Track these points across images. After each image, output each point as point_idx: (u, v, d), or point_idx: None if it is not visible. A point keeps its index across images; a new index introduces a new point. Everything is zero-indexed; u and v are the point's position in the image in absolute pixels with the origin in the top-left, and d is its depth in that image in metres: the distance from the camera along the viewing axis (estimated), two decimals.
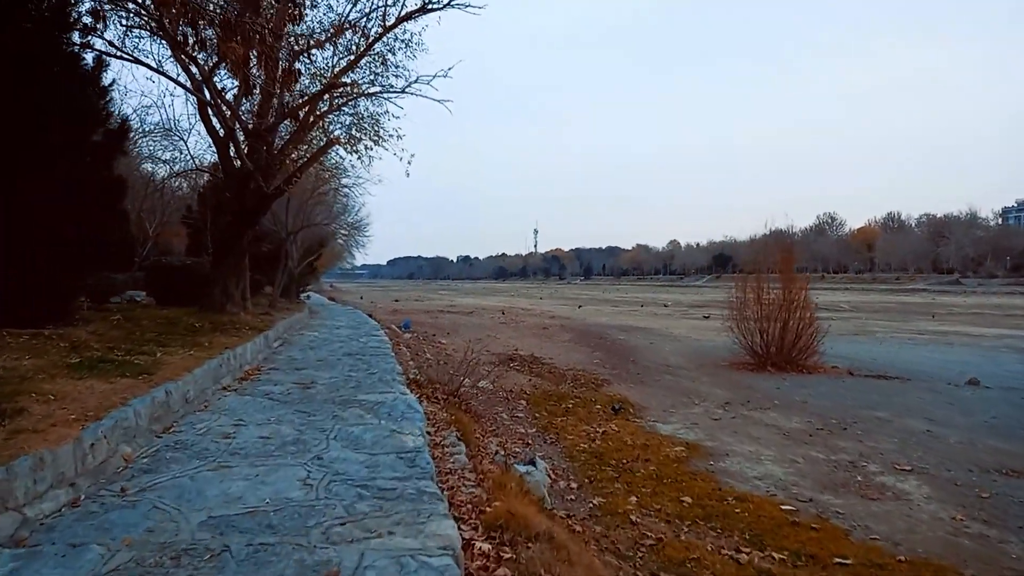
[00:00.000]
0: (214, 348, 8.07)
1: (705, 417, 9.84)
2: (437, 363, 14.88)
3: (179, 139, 13.61)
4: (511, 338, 22.72)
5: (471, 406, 8.93)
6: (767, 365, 14.37)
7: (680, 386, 12.71)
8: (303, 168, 10.75)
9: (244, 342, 9.20)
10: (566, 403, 10.90)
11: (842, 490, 6.48)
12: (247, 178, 10.57)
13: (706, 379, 13.45)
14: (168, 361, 6.74)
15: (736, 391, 11.96)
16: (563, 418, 9.69)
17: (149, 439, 4.94)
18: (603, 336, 23.09)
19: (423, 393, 8.32)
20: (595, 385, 13.22)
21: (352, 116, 11.81)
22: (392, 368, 9.36)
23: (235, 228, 11.13)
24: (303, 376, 8.31)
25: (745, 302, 15.16)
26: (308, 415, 5.97)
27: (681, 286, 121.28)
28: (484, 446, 7.21)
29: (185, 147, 13.99)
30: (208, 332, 9.47)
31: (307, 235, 25.08)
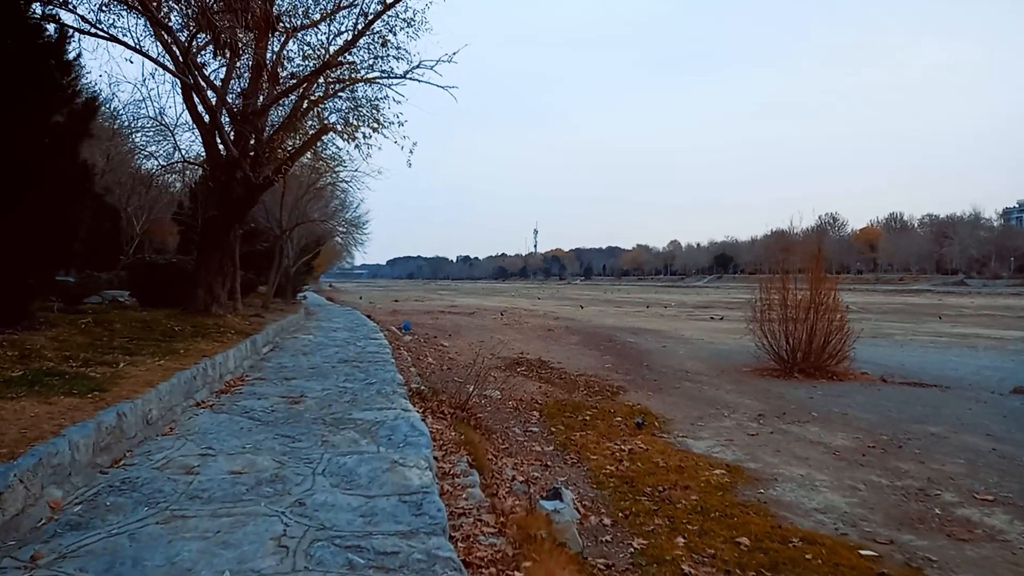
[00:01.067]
0: (190, 356, 7.09)
1: (739, 432, 8.87)
2: (440, 368, 13.92)
3: (164, 127, 12.58)
4: (516, 340, 21.77)
5: (481, 421, 7.94)
6: (794, 371, 13.40)
7: (703, 395, 11.74)
8: (295, 156, 9.76)
9: (227, 348, 8.22)
10: (583, 415, 9.92)
11: (921, 527, 5.51)
12: (233, 167, 9.59)
13: (730, 387, 12.48)
14: (131, 374, 5.76)
15: (767, 401, 10.99)
16: (582, 433, 8.71)
17: (90, 477, 3.97)
18: (612, 339, 22.15)
19: (427, 407, 7.35)
20: (610, 393, 12.26)
21: (349, 102, 10.86)
22: (392, 378, 8.39)
23: (221, 222, 10.14)
24: (292, 388, 7.34)
25: (769, 304, 14.16)
26: (292, 440, 4.99)
27: (683, 286, 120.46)
28: (499, 471, 6.24)
29: (172, 138, 12.95)
30: (187, 337, 8.49)
31: (303, 233, 24.08)
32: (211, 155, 10.21)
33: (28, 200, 6.81)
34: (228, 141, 9.62)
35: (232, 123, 9.93)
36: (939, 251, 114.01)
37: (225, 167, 9.80)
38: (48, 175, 7.03)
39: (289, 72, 10.09)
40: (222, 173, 9.96)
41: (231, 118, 9.83)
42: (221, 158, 9.92)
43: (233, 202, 10.09)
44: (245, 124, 9.34)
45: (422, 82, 11.62)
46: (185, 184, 22.10)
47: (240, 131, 9.49)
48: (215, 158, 10.10)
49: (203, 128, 9.84)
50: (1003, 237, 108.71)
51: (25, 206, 6.76)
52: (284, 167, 9.81)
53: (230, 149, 9.59)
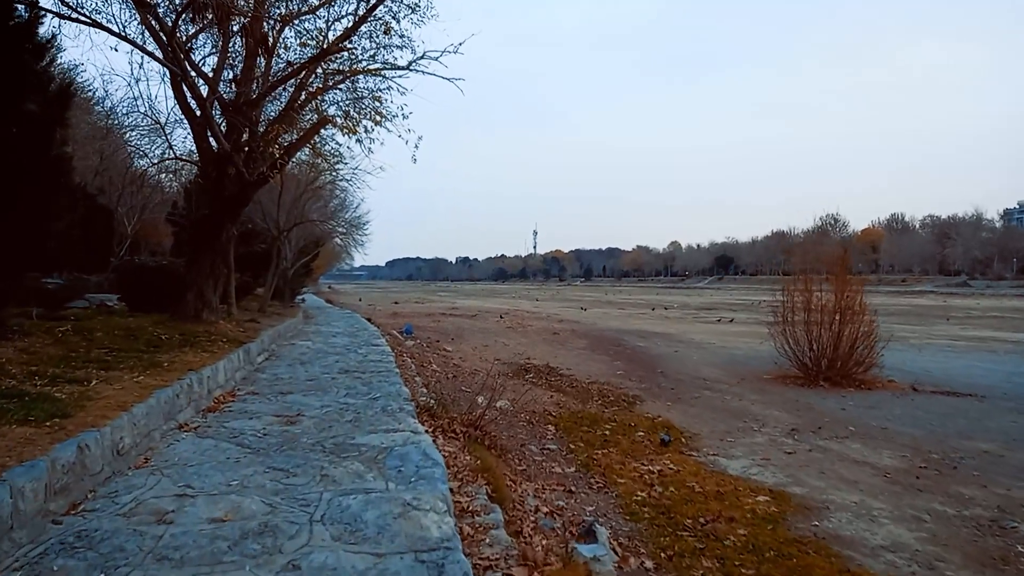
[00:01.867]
0: (175, 370, 6.37)
1: (775, 449, 8.16)
2: (446, 377, 13.22)
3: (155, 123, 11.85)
4: (521, 345, 21.09)
5: (495, 439, 7.23)
6: (819, 379, 12.69)
7: (727, 405, 11.04)
8: (291, 151, 9.04)
9: (218, 359, 7.51)
10: (601, 429, 9.22)
11: (1007, 569, 4.81)
12: (225, 162, 8.87)
13: (753, 396, 11.77)
14: (102, 393, 5.04)
15: (797, 413, 10.28)
16: (604, 451, 8.01)
17: (38, 529, 3.26)
18: (620, 343, 21.45)
19: (437, 425, 6.64)
20: (627, 403, 11.56)
21: (350, 94, 10.13)
22: (397, 391, 7.68)
23: (212, 222, 9.41)
24: (287, 405, 6.62)
25: (791, 307, 13.45)
26: (286, 475, 4.28)
27: (684, 288, 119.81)
28: (520, 500, 5.54)
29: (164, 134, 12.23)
30: (174, 347, 7.77)
31: (302, 233, 23.35)
32: (202, 150, 9.47)
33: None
34: (219, 134, 8.88)
35: (224, 114, 9.19)
36: (941, 252, 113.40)
37: (216, 162, 9.07)
38: (17, 168, 6.32)
39: (286, 60, 9.39)
40: (213, 169, 9.23)
41: (222, 109, 9.10)
42: (212, 153, 9.20)
43: (225, 200, 9.35)
44: (237, 115, 8.61)
45: (427, 74, 10.92)
46: (181, 184, 21.42)
47: (232, 123, 8.76)
48: (206, 153, 9.37)
49: (193, 121, 9.12)
50: (1005, 238, 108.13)
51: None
52: (280, 162, 9.09)
53: (221, 143, 8.86)
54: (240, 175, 9.03)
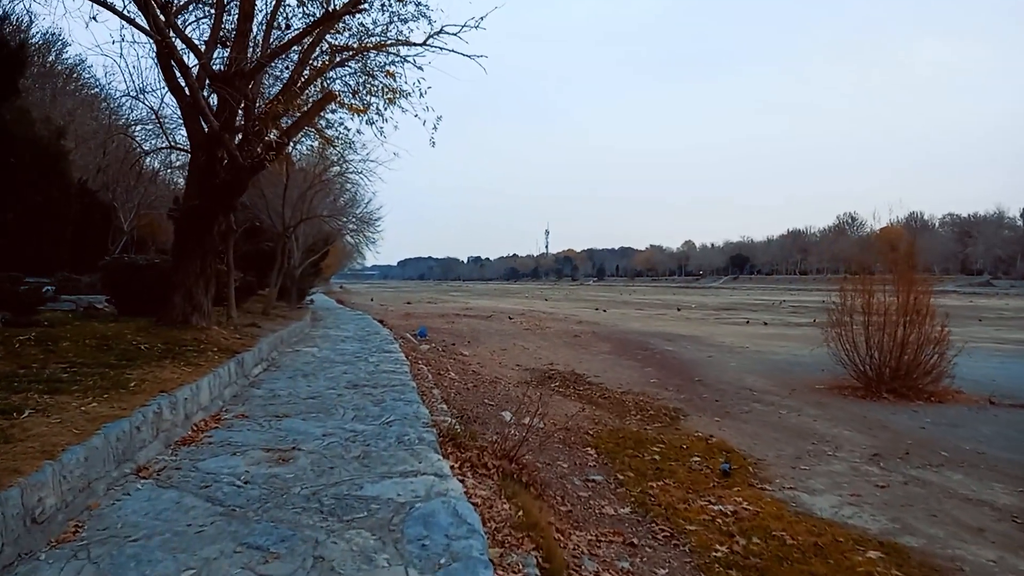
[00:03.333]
0: (142, 392, 5.17)
1: (862, 481, 6.86)
2: (465, 387, 11.98)
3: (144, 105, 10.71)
4: (541, 348, 19.86)
5: (535, 474, 5.97)
6: (881, 390, 11.34)
7: (785, 422, 9.74)
8: (292, 132, 7.81)
9: (202, 374, 6.31)
10: (649, 452, 7.96)
11: None
12: (215, 143, 7.67)
13: (812, 411, 10.45)
14: (31, 431, 3.81)
15: (870, 432, 8.97)
16: (659, 483, 6.75)
17: None
18: (646, 346, 20.14)
19: (465, 459, 5.39)
20: (670, 418, 10.29)
21: (360, 70, 8.90)
22: (415, 412, 6.44)
23: (202, 213, 8.19)
24: (281, 434, 5.40)
25: (848, 309, 12.10)
26: (264, 558, 3.03)
27: (699, 288, 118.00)
28: (578, 566, 4.29)
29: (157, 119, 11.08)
30: (152, 360, 6.57)
31: (310, 231, 22.21)
32: (191, 132, 8.26)
33: None
34: (207, 110, 7.66)
35: (212, 85, 7.96)
36: (963, 251, 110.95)
37: (206, 145, 7.88)
38: None
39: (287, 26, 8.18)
40: (203, 153, 8.04)
41: (210, 80, 7.87)
42: (202, 134, 8.00)
43: (217, 188, 8.13)
44: (227, 87, 7.42)
45: (445, 51, 9.72)
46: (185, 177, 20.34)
47: (224, 99, 7.56)
48: (196, 135, 8.19)
49: (181, 99, 7.93)
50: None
51: None
52: (278, 142, 7.87)
53: (210, 120, 7.65)
54: (233, 159, 7.82)
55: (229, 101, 7.40)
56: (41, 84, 29.18)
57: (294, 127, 7.64)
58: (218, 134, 7.64)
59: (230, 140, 7.80)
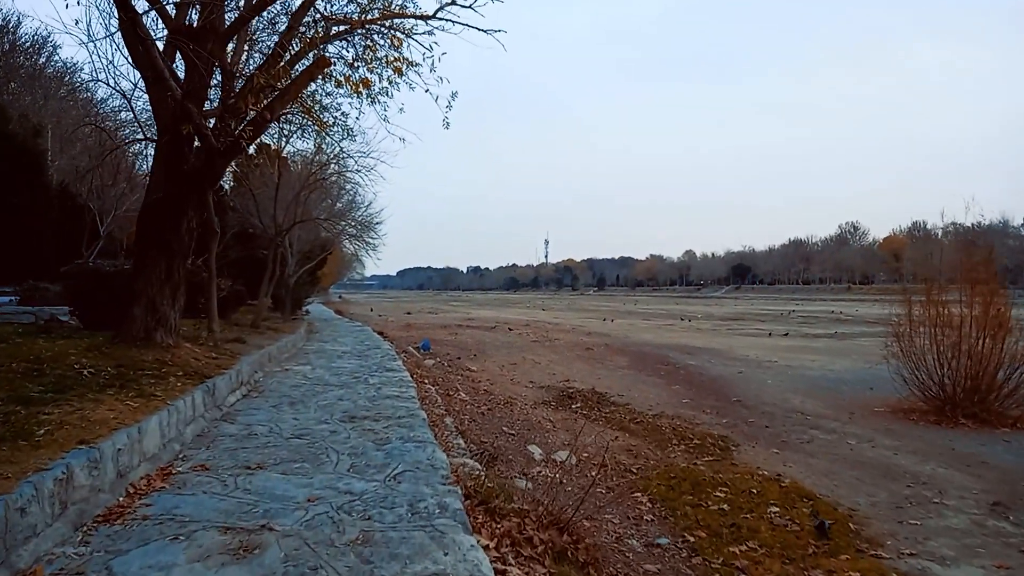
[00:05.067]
0: (52, 444, 3.68)
1: (996, 543, 5.39)
2: (478, 411, 10.48)
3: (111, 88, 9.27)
4: (553, 362, 18.40)
5: (593, 551, 4.46)
6: (957, 415, 9.87)
7: (861, 456, 8.26)
8: (276, 106, 6.28)
9: (151, 411, 4.83)
10: (713, 499, 6.49)
11: None
12: (181, 117, 6.17)
13: (885, 440, 8.98)
14: None
15: (969, 469, 7.49)
16: (740, 547, 5.28)
17: None
18: (666, 360, 18.67)
19: (502, 532, 3.92)
20: (719, 448, 8.84)
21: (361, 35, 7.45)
22: (429, 459, 4.95)
23: (169, 207, 6.70)
24: (250, 500, 3.91)
25: (914, 322, 10.63)
26: None
27: (701, 297, 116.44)
28: None
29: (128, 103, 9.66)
30: (91, 390, 5.09)
31: (306, 236, 20.73)
32: (157, 109, 6.78)
33: None
34: (168, 71, 6.15)
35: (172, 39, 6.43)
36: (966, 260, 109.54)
37: (171, 121, 6.39)
38: None
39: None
40: (168, 132, 6.56)
41: (170, 32, 6.35)
42: (167, 109, 6.53)
43: (185, 177, 6.58)
44: (197, 45, 5.91)
45: (458, 23, 8.33)
46: None
47: (191, 60, 6.07)
48: (161, 113, 6.71)
49: (143, 67, 6.45)
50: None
51: None
52: (259, 122, 6.38)
53: (170, 86, 6.10)
54: (205, 140, 6.33)
55: (197, 65, 5.94)
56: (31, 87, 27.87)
57: (278, 100, 6.18)
58: (182, 104, 6.13)
59: (199, 116, 6.32)
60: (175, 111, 6.40)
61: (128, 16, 5.80)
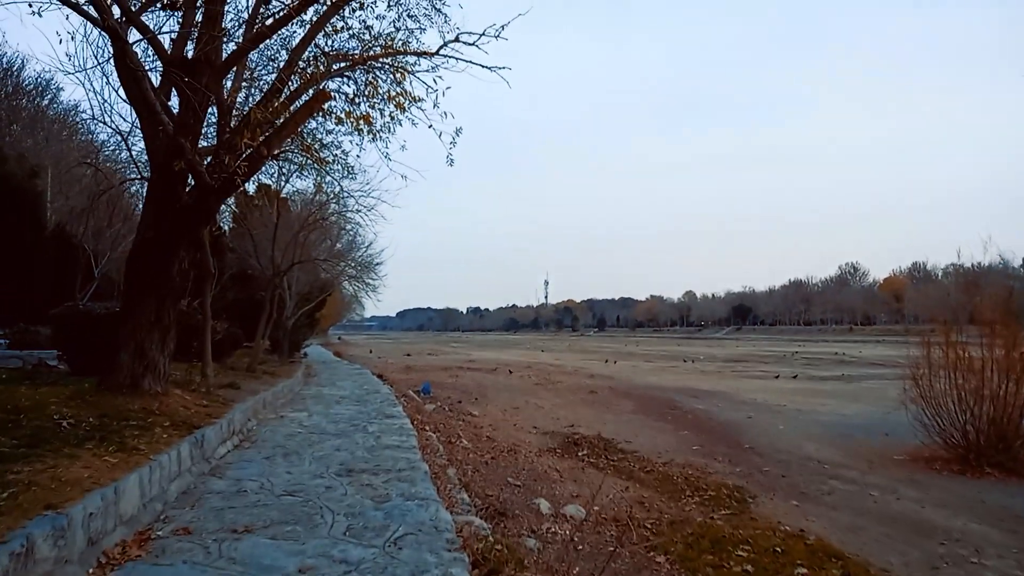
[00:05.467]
0: (15, 510, 3.31)
1: None
2: (481, 460, 10.02)
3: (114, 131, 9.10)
4: (557, 406, 17.94)
5: None
6: (982, 463, 9.44)
7: (884, 508, 7.82)
8: (274, 142, 6.00)
9: (132, 468, 4.46)
10: (736, 559, 6.03)
11: None
12: (173, 152, 5.91)
13: (910, 492, 8.54)
14: None
15: (1003, 525, 7.07)
16: None
17: None
18: (673, 404, 18.23)
19: None
20: (735, 500, 8.39)
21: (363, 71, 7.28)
22: (433, 519, 4.55)
23: (159, 246, 6.41)
24: (233, 569, 3.53)
25: (933, 365, 10.27)
26: None
27: (703, 338, 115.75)
28: None
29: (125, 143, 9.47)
30: (68, 444, 4.72)
31: (304, 278, 20.46)
32: (151, 146, 6.56)
33: None
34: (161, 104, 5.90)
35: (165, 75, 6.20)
36: (971, 302, 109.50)
37: (164, 157, 6.14)
38: None
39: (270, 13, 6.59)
40: (160, 169, 6.31)
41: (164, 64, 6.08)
42: (160, 145, 6.27)
43: (177, 215, 6.31)
44: (192, 78, 5.68)
45: (462, 60, 8.23)
46: None
47: (185, 95, 5.84)
48: (155, 150, 6.47)
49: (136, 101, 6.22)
50: None
51: None
52: (256, 158, 6.11)
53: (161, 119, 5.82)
54: (199, 177, 6.06)
55: (191, 99, 5.71)
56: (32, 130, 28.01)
57: (276, 136, 5.93)
58: (174, 139, 5.89)
59: (192, 152, 6.07)
60: (167, 146, 6.16)
61: (118, 45, 5.58)
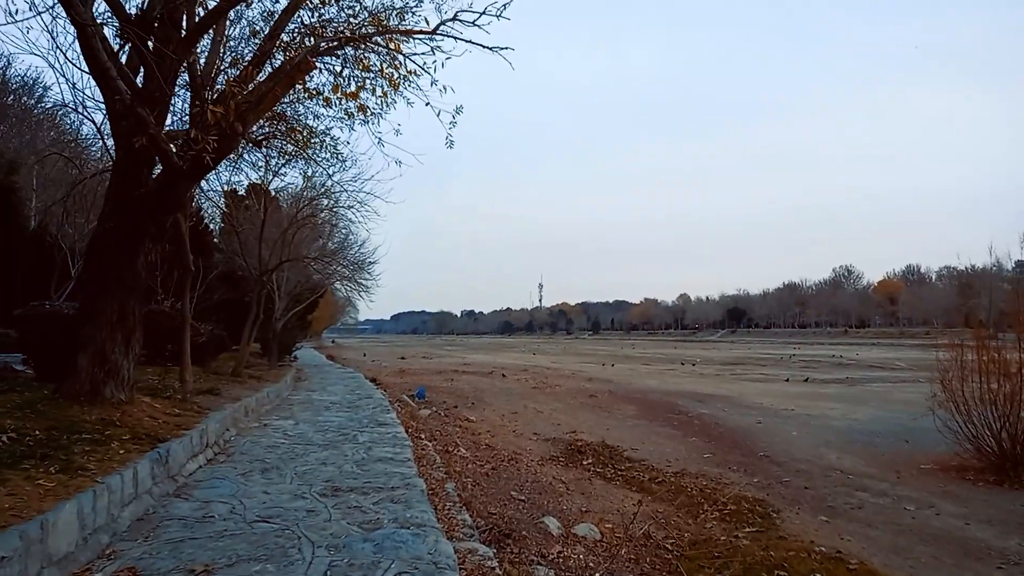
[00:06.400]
0: None
1: None
2: (481, 470, 9.29)
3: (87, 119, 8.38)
4: (557, 411, 17.23)
5: None
6: (1020, 474, 8.78)
7: (924, 525, 7.15)
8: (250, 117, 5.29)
9: (73, 492, 3.72)
10: None
11: None
12: (135, 128, 5.16)
13: (948, 505, 7.87)
14: None
15: None
16: None
17: None
18: (677, 409, 17.53)
19: None
20: (758, 516, 7.68)
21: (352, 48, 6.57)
22: (431, 553, 3.84)
23: (122, 237, 5.69)
24: None
25: (964, 369, 9.61)
26: None
27: (698, 341, 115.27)
28: None
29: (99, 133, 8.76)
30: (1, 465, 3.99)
31: (295, 278, 19.69)
32: (113, 123, 5.83)
33: None
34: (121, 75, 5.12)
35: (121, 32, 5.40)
36: (966, 304, 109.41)
37: (125, 134, 5.40)
38: None
39: None
40: (123, 148, 5.56)
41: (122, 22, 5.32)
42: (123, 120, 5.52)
43: (141, 202, 5.59)
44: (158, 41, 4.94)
45: (461, 40, 7.55)
46: None
47: (149, 63, 5.08)
48: (117, 125, 5.73)
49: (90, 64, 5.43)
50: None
51: None
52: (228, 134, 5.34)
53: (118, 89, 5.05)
54: (164, 157, 5.31)
55: (153, 66, 4.96)
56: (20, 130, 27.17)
57: (253, 110, 5.21)
58: (133, 110, 5.11)
59: (158, 128, 5.32)
60: (125, 119, 5.41)
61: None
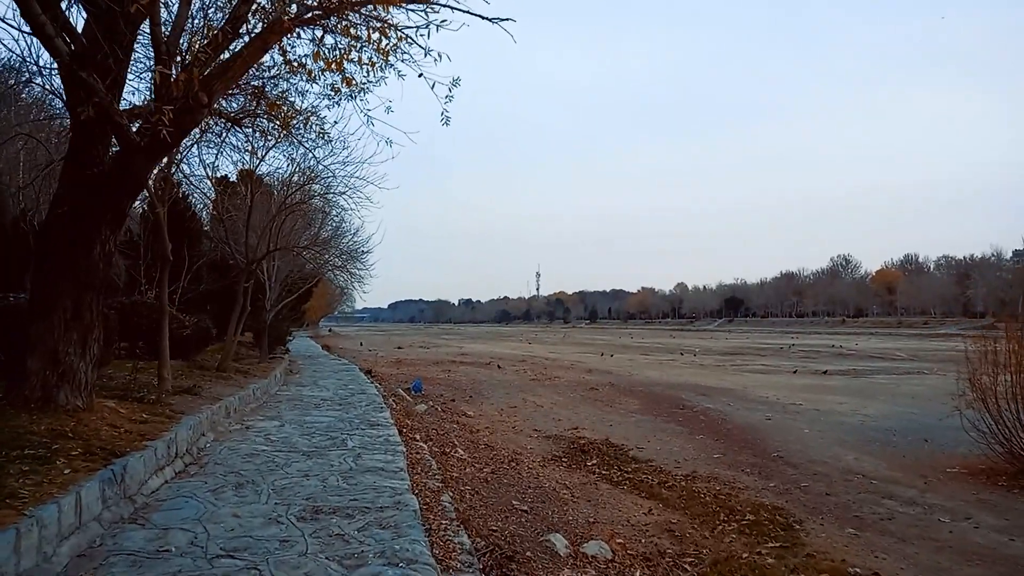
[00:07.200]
0: None
1: None
2: (480, 474, 8.65)
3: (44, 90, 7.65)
4: (557, 405, 16.67)
5: None
6: None
7: (963, 539, 6.57)
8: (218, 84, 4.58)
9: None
10: None
11: None
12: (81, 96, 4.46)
13: (989, 518, 7.28)
14: None
15: None
16: None
17: None
18: (681, 403, 16.97)
19: None
20: (780, 527, 7.10)
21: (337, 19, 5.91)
22: None
23: (77, 225, 5.03)
24: None
25: (994, 363, 9.02)
26: None
27: (695, 331, 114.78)
28: None
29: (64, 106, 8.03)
30: None
31: (286, 267, 19.01)
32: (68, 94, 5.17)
33: None
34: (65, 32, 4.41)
35: None
36: (963, 293, 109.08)
37: (70, 103, 4.72)
38: None
39: None
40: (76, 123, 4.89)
41: None
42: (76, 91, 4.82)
43: (95, 182, 4.92)
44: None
45: (458, 10, 6.84)
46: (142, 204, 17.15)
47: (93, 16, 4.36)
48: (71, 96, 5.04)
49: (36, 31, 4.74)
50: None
51: None
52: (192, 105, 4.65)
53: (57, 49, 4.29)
54: (120, 132, 4.62)
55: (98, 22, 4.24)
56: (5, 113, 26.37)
57: (219, 77, 4.54)
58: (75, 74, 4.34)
59: (107, 94, 4.59)
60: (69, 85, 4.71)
61: None
